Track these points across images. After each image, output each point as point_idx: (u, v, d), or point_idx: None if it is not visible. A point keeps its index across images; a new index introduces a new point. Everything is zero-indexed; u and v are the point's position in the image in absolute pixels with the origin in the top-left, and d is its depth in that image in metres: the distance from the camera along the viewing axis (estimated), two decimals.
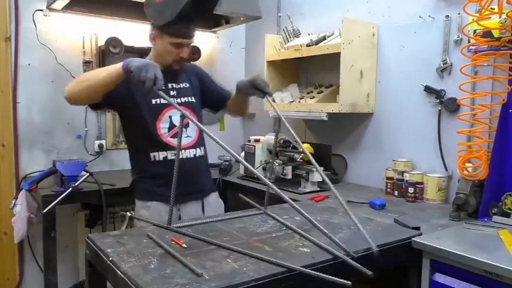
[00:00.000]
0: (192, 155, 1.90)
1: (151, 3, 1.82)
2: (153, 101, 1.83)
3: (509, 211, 1.75)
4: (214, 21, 3.18)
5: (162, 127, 1.84)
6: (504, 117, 1.88)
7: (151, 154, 1.84)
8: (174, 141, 1.80)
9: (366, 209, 2.03)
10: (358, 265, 1.24)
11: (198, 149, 1.93)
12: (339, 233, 1.54)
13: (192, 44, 1.90)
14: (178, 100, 1.90)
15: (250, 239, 1.45)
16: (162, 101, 1.79)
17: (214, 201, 2.03)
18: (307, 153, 1.68)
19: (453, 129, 2.12)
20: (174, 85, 1.92)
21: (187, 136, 1.89)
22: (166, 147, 1.84)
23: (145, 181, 1.88)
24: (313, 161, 1.57)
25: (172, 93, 1.90)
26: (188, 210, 1.90)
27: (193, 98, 1.97)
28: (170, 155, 1.83)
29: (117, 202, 2.94)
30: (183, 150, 1.84)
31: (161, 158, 1.84)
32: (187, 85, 1.97)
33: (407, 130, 2.45)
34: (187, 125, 1.89)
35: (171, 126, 1.85)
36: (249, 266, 1.22)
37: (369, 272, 1.20)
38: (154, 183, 1.85)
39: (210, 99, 2.08)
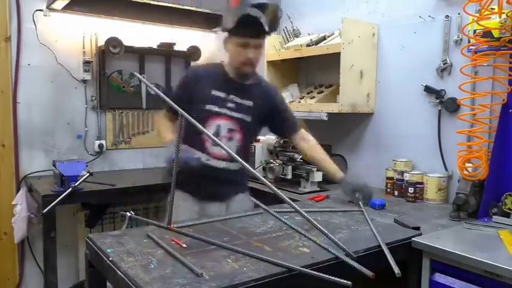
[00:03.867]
0: (221, 166, 1.93)
1: (224, 10, 1.91)
2: (207, 107, 1.91)
3: (509, 211, 1.75)
4: (214, 21, 3.18)
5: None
6: (504, 117, 1.88)
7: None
8: (213, 148, 1.89)
9: (366, 209, 2.02)
10: (358, 265, 1.24)
11: (231, 163, 1.93)
12: (338, 233, 1.54)
13: (259, 48, 1.90)
14: (233, 114, 1.94)
15: (250, 239, 1.45)
16: (213, 108, 1.92)
17: (240, 201, 2.03)
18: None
19: (453, 129, 2.12)
20: (235, 98, 1.95)
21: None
22: (204, 150, 1.90)
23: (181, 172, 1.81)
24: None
25: (230, 105, 1.94)
26: (212, 210, 1.93)
27: (249, 117, 1.97)
28: (204, 158, 1.88)
29: (117, 202, 2.96)
30: (215, 159, 1.90)
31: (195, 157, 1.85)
32: (250, 104, 1.98)
33: (407, 130, 2.45)
34: (230, 139, 1.94)
35: (216, 134, 1.88)
36: (249, 266, 1.22)
37: (370, 273, 1.20)
38: (182, 178, 1.77)
39: (274, 125, 2.13)
